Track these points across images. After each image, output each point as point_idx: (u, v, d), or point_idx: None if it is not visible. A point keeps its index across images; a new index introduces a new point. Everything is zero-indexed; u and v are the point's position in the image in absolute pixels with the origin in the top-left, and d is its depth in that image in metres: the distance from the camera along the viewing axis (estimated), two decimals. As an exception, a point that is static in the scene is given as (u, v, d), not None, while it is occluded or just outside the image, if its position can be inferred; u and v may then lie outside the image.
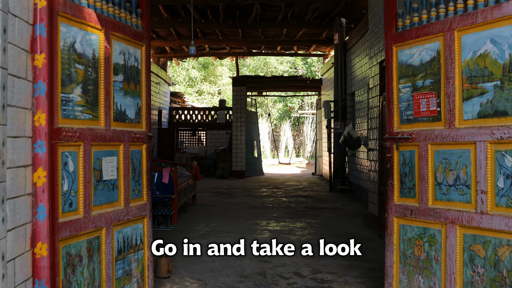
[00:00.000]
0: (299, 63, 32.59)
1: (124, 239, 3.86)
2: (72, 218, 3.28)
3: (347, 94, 13.81)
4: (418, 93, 4.02)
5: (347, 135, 11.77)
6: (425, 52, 3.96)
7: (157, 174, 8.38)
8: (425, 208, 3.93)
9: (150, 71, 4.12)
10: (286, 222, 8.61)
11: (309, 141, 31.39)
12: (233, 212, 9.77)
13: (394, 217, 4.19)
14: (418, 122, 4.02)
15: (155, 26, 14.60)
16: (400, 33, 4.17)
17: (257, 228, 7.96)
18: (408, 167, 4.09)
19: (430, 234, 3.91)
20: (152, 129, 17.77)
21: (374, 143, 7.86)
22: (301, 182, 16.76)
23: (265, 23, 14.91)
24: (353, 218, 8.98)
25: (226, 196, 12.54)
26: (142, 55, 4.11)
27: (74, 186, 3.29)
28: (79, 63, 3.36)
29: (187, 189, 9.66)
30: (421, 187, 3.96)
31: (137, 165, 4.03)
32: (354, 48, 12.83)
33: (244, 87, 18.48)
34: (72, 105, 3.29)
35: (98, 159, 3.55)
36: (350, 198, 12.01)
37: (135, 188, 4.01)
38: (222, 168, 18.36)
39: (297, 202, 11.37)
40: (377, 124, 7.70)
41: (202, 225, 8.18)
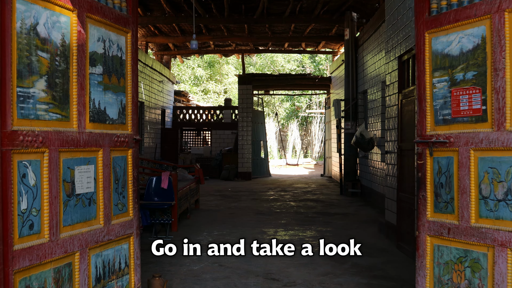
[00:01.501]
0: (307, 61, 31.88)
1: (104, 263, 3.21)
2: (33, 243, 2.64)
3: (359, 92, 13.12)
4: (458, 88, 3.34)
5: (360, 135, 11.09)
6: (466, 39, 3.29)
7: (155, 178, 7.74)
8: (466, 227, 3.26)
9: (137, 63, 3.47)
10: (295, 230, 7.94)
11: (317, 141, 30.69)
12: (238, 218, 9.12)
13: (427, 235, 3.51)
14: (458, 123, 3.34)
15: (157, 22, 13.96)
16: (435, 17, 3.49)
17: (264, 238, 7.30)
18: (445, 177, 3.41)
19: (473, 258, 3.23)
20: (155, 129, 17.12)
21: (392, 145, 7.18)
22: (310, 184, 16.08)
23: (272, 18, 14.23)
24: (368, 226, 8.30)
25: (231, 200, 11.89)
26: (127, 43, 3.46)
27: (36, 204, 2.65)
28: (42, 50, 2.71)
29: (189, 194, 9.02)
30: (461, 201, 3.29)
31: (120, 174, 3.38)
32: (366, 44, 12.14)
33: (251, 85, 17.80)
34: (33, 102, 2.64)
35: (69, 168, 2.90)
36: (363, 203, 11.32)
37: (118, 202, 3.36)
38: (227, 169, 17.71)
39: (306, 207, 10.70)
40: (395, 125, 7.02)
41: (205, 234, 7.53)
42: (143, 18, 13.78)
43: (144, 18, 13.79)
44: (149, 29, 15.61)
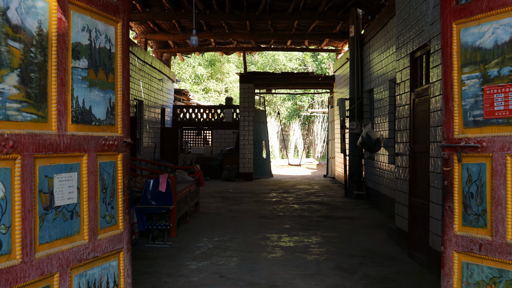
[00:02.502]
0: (309, 60, 31.44)
1: (89, 284, 2.82)
2: (1, 266, 2.24)
3: (364, 91, 12.71)
4: (491, 85, 2.94)
5: (366, 136, 10.69)
6: (502, 29, 2.89)
7: (152, 181, 7.35)
8: (501, 243, 2.86)
9: (129, 56, 3.07)
10: (300, 236, 7.55)
11: (320, 141, 30.27)
12: (240, 222, 8.72)
13: (454, 252, 3.12)
14: (492, 125, 2.95)
15: (156, 18, 13.56)
16: (464, 6, 3.09)
17: (267, 244, 6.91)
18: (476, 186, 3.02)
19: (509, 279, 2.84)
20: (154, 128, 16.71)
21: (403, 147, 6.78)
22: (313, 185, 15.67)
23: (275, 14, 13.82)
24: (376, 231, 7.90)
25: (233, 202, 11.49)
26: (116, 34, 3.06)
27: (5, 219, 2.26)
28: (14, 40, 2.32)
29: (188, 197, 8.62)
30: (495, 214, 2.89)
31: (109, 182, 2.98)
32: (372, 41, 11.73)
33: (252, 84, 17.39)
34: (2, 100, 2.25)
35: (47, 177, 2.51)
36: (368, 206, 10.92)
37: (106, 214, 2.96)
38: (228, 169, 17.31)
39: (311, 210, 10.30)
40: (406, 125, 6.62)
41: (205, 240, 7.14)
42: (142, 14, 13.38)
43: (143, 14, 13.40)
44: (148, 25, 15.21)
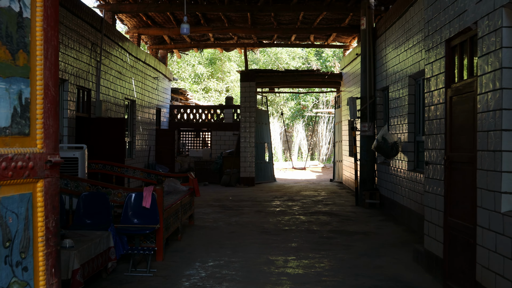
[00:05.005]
0: (312, 58, 30.23)
1: None
2: None
3: (377, 89, 11.54)
4: None
5: (381, 139, 9.54)
6: None
7: (134, 195, 6.19)
8: None
9: (58, 28, 1.91)
10: (310, 258, 6.40)
11: (325, 142, 29.08)
12: (239, 239, 7.57)
13: None
14: None
15: (148, 10, 12.41)
16: None
17: (271, 272, 5.76)
18: None
19: None
20: (148, 130, 15.55)
21: (436, 155, 5.62)
22: (319, 191, 14.50)
23: (279, 5, 12.64)
24: (398, 252, 6.75)
25: (232, 212, 10.34)
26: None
27: None
28: None
29: (180, 211, 7.46)
30: None
31: (18, 228, 1.83)
32: (388, 33, 10.56)
33: (254, 82, 16.20)
34: None
35: None
36: (383, 217, 9.75)
37: (13, 281, 1.81)
38: (228, 174, 16.16)
39: (319, 222, 9.14)
40: (441, 128, 5.46)
41: (197, 266, 5.99)
42: (133, 5, 12.23)
43: (134, 5, 12.25)
44: (141, 19, 14.05)
